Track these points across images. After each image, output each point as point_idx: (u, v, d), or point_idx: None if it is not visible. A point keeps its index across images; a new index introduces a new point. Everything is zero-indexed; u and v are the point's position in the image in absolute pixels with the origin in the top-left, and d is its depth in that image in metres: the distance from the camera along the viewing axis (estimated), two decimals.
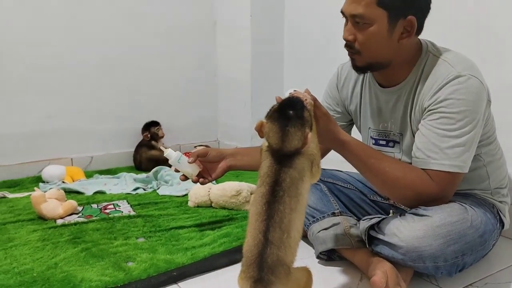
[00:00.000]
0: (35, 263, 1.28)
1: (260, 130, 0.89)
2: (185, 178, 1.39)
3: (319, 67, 2.28)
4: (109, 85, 2.43)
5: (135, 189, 2.02)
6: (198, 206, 1.77)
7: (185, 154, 1.46)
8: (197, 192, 1.78)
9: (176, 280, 1.21)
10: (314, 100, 1.01)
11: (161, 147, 1.44)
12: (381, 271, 1.07)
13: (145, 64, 2.51)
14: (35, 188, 1.78)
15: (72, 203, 1.72)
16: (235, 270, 1.27)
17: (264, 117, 0.91)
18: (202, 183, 1.38)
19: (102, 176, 2.23)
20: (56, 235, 1.49)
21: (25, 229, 1.54)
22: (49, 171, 2.12)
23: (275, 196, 0.83)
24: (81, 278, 1.17)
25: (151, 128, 2.46)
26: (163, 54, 2.57)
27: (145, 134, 2.45)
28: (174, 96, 2.66)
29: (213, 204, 1.76)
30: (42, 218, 1.65)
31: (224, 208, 1.74)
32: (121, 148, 2.50)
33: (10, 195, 1.97)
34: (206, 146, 2.68)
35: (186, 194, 1.92)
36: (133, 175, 2.17)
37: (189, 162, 1.36)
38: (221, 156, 1.39)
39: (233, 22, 2.54)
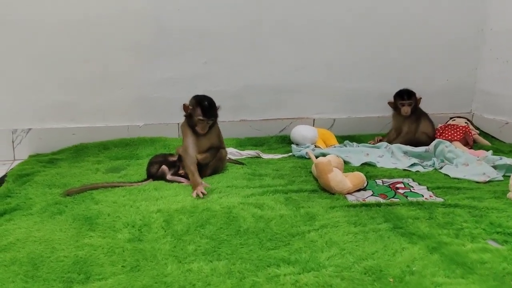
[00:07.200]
0: (375, 259, 0.94)
1: None
2: None
3: None
4: (363, 39, 2.05)
5: (411, 166, 1.61)
6: None
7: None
8: None
9: None
10: None
11: None
12: None
13: (402, 16, 2.07)
14: (314, 150, 1.49)
15: (361, 177, 1.37)
16: None
17: None
18: None
19: (355, 143, 1.88)
20: (365, 218, 1.15)
21: (318, 204, 1.24)
22: (300, 132, 1.83)
23: None
24: None
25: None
26: (423, 4, 2.07)
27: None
28: (428, 56, 2.16)
29: None
30: (324, 189, 1.35)
31: None
32: (366, 112, 2.12)
33: (265, 156, 1.73)
34: (466, 118, 2.15)
35: (490, 181, 1.45)
36: (402, 146, 1.75)
37: None
38: None
39: None
